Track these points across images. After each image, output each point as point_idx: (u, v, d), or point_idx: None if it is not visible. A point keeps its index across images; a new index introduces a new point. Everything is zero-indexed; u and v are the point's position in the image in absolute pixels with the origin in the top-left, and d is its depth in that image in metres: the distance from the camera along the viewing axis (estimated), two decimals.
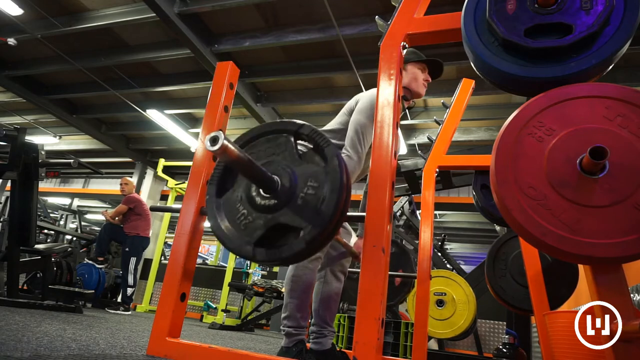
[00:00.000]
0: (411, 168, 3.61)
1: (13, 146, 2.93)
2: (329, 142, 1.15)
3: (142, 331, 2.47)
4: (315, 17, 4.74)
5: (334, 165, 1.12)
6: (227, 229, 1.17)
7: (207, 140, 0.90)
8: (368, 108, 1.74)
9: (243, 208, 1.18)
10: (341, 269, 1.87)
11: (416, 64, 1.92)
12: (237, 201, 1.19)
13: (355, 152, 1.69)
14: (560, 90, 1.05)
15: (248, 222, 1.15)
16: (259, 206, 1.14)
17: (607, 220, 0.92)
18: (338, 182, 1.09)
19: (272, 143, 1.22)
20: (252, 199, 1.16)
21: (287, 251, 1.09)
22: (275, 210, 1.12)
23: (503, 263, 2.65)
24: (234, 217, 1.18)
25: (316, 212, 1.08)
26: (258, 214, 1.15)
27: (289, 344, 1.66)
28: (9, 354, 1.01)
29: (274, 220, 1.12)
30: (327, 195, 1.09)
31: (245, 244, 1.13)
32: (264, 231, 1.12)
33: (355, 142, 1.70)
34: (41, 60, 6.32)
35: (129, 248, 4.76)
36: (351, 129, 1.73)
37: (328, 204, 1.08)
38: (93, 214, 14.46)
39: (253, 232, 1.13)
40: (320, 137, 1.17)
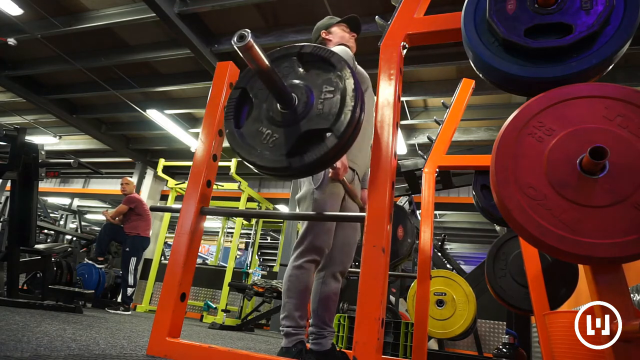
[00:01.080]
0: (411, 168, 3.61)
1: (13, 146, 2.93)
2: (333, 52, 1.22)
3: (142, 331, 2.47)
4: (315, 17, 4.70)
5: (344, 68, 1.19)
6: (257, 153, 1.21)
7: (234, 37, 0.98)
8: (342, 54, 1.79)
9: (266, 129, 1.22)
10: (340, 270, 1.87)
11: (338, 25, 2.14)
12: (259, 124, 1.24)
13: None
14: (560, 90, 1.05)
15: (275, 139, 1.20)
16: (282, 122, 1.19)
17: (607, 220, 0.92)
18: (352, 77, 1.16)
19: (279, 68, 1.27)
20: (273, 118, 1.21)
21: (322, 149, 1.14)
22: (298, 121, 1.17)
23: (503, 263, 2.65)
24: (259, 140, 1.22)
25: (339, 108, 1.14)
26: (283, 129, 1.19)
27: (289, 344, 1.66)
28: (9, 354, 1.01)
29: (300, 129, 1.17)
30: (346, 90, 1.15)
31: (279, 158, 1.17)
32: (293, 142, 1.16)
33: None
34: (41, 60, 6.32)
35: (129, 248, 4.76)
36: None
37: (349, 98, 1.14)
38: (93, 214, 14.46)
39: (283, 146, 1.18)
40: (324, 50, 1.24)
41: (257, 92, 1.28)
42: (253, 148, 1.22)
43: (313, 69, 1.25)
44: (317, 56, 1.24)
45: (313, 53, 1.25)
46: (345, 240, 1.87)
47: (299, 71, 1.25)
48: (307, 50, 1.26)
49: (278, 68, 1.26)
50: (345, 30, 2.14)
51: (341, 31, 2.13)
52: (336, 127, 1.13)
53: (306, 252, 1.71)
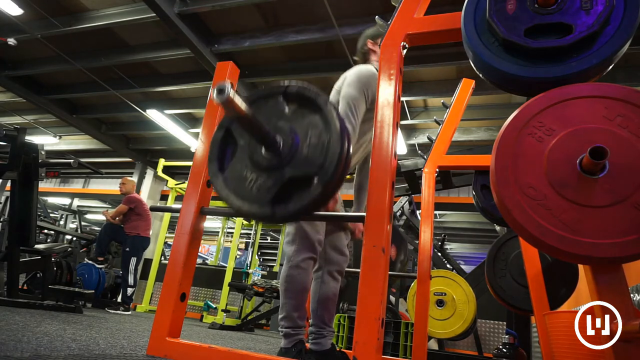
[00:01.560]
0: (411, 168, 3.61)
1: (13, 146, 2.93)
2: (319, 92, 1.19)
3: (142, 331, 2.47)
4: (315, 17, 4.74)
5: (330, 111, 1.15)
6: (240, 197, 1.18)
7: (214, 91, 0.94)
8: (356, 80, 1.76)
9: (250, 173, 1.19)
10: (338, 269, 1.87)
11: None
12: (243, 169, 1.21)
13: (349, 123, 1.69)
14: (560, 90, 1.05)
15: (260, 185, 1.17)
16: (267, 166, 1.16)
17: (607, 220, 0.92)
18: (338, 123, 1.13)
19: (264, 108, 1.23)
20: (258, 162, 1.17)
21: (306, 198, 1.11)
22: (283, 166, 1.14)
23: (503, 263, 2.65)
24: (243, 185, 1.19)
25: (324, 156, 1.11)
26: (267, 174, 1.16)
27: (288, 344, 1.66)
28: (9, 354, 1.01)
29: (285, 175, 1.14)
30: (331, 136, 1.11)
31: (263, 206, 1.14)
32: (277, 188, 1.14)
33: (348, 113, 1.70)
34: (41, 60, 6.32)
35: (129, 248, 4.76)
36: (342, 102, 1.74)
37: (334, 144, 1.11)
38: (93, 214, 14.46)
39: (267, 193, 1.15)
40: (309, 91, 1.20)
41: (242, 132, 1.24)
42: (237, 193, 1.18)
43: (299, 109, 1.21)
44: (303, 97, 1.20)
45: (299, 93, 1.21)
46: (338, 242, 1.88)
47: (285, 112, 1.21)
48: (293, 90, 1.22)
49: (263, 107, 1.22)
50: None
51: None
52: (322, 173, 1.10)
53: (301, 250, 1.70)
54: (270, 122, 1.19)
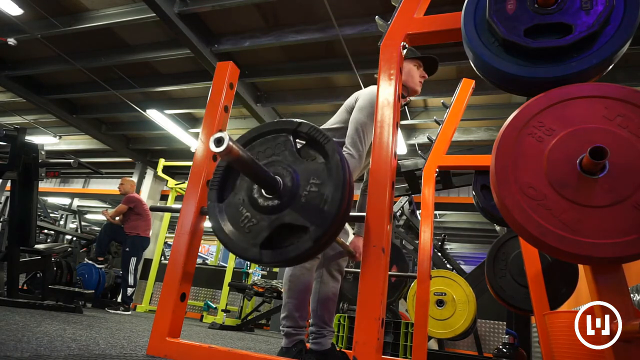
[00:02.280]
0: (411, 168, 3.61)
1: (13, 146, 2.93)
2: (329, 138, 1.15)
3: (142, 331, 2.47)
4: (315, 17, 4.74)
5: (336, 161, 1.12)
6: (232, 233, 1.17)
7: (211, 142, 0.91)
8: (368, 106, 1.74)
9: (246, 211, 1.17)
10: (338, 268, 1.87)
11: (411, 60, 1.89)
12: (240, 204, 1.19)
13: (357, 151, 1.69)
14: (560, 90, 1.05)
15: (252, 225, 1.15)
16: (262, 208, 1.14)
17: (607, 220, 0.92)
18: (341, 178, 1.09)
19: (272, 143, 1.22)
20: (255, 201, 1.15)
21: (294, 251, 1.09)
22: (279, 211, 1.12)
23: (503, 263, 2.65)
24: (237, 221, 1.18)
25: (321, 209, 1.08)
26: (262, 215, 1.14)
27: (289, 344, 1.66)
28: (9, 354, 1.01)
29: (278, 221, 1.12)
30: (331, 191, 1.09)
31: (252, 247, 1.13)
32: (268, 233, 1.12)
33: (356, 140, 1.70)
34: (41, 60, 6.32)
35: (129, 248, 4.75)
36: (352, 127, 1.73)
37: (332, 200, 1.08)
38: (93, 214, 14.46)
39: (258, 235, 1.13)
40: (320, 134, 1.17)
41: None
42: (229, 229, 1.18)
43: (306, 150, 1.19)
44: (312, 139, 1.18)
45: (309, 134, 1.18)
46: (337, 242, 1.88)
47: (292, 151, 1.18)
48: (304, 129, 1.19)
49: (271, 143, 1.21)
50: (417, 69, 1.90)
51: (411, 68, 1.89)
52: (314, 228, 1.07)
53: None
54: (274, 160, 1.18)
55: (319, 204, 1.09)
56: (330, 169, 1.12)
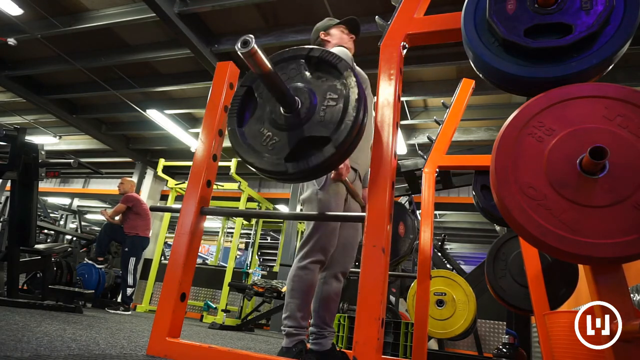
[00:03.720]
0: (411, 168, 3.60)
1: (13, 146, 2.93)
2: (341, 58, 1.22)
3: (142, 331, 2.47)
4: (315, 17, 4.72)
5: (350, 77, 1.18)
6: (255, 153, 1.22)
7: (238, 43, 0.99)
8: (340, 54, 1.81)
9: (267, 131, 1.23)
10: (341, 270, 1.87)
11: (337, 27, 2.11)
12: (261, 125, 1.25)
13: None
14: (560, 90, 1.05)
15: (275, 142, 1.21)
16: (284, 125, 1.20)
17: (607, 220, 0.92)
18: (357, 90, 1.16)
19: (286, 70, 1.27)
20: (275, 121, 1.21)
21: (318, 158, 1.14)
22: (299, 126, 1.18)
23: (503, 263, 2.65)
24: (259, 142, 1.23)
25: (340, 120, 1.14)
26: (283, 132, 1.20)
27: (289, 344, 1.66)
28: (9, 354, 1.01)
29: (300, 135, 1.17)
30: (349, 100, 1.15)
31: (277, 162, 1.18)
32: (292, 146, 1.17)
33: None
34: (41, 60, 6.32)
35: (129, 248, 4.75)
36: None
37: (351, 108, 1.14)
38: (93, 214, 14.46)
39: (281, 150, 1.19)
40: (331, 55, 1.23)
41: (263, 91, 1.28)
42: (253, 149, 1.23)
43: (319, 72, 1.25)
44: (324, 60, 1.24)
45: (321, 57, 1.25)
46: (347, 241, 1.88)
47: (305, 74, 1.25)
48: (316, 53, 1.26)
49: (285, 69, 1.26)
50: (344, 32, 2.13)
51: (340, 33, 2.11)
52: (335, 136, 1.13)
53: (312, 252, 1.71)
54: (291, 84, 1.23)
55: (338, 116, 1.15)
56: (345, 84, 1.18)
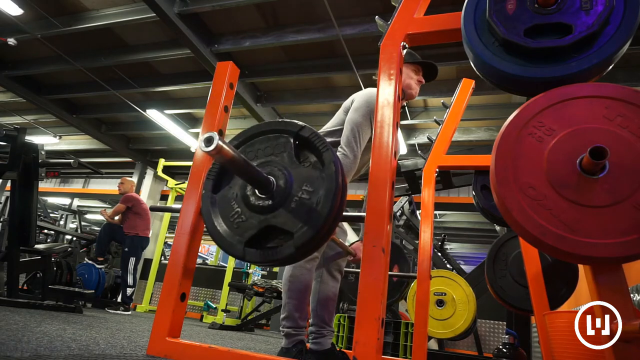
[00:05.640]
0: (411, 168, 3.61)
1: (13, 146, 2.93)
2: (328, 146, 1.16)
3: (142, 331, 2.47)
4: (315, 17, 4.74)
5: (331, 171, 1.12)
6: (220, 226, 1.18)
7: (201, 141, 0.92)
8: (364, 106, 1.73)
9: (237, 206, 1.18)
10: (337, 268, 1.87)
11: (410, 65, 1.89)
12: (232, 199, 1.20)
13: (352, 151, 1.68)
14: (560, 90, 1.05)
15: (241, 222, 1.16)
16: (253, 206, 1.15)
17: (607, 220, 0.92)
18: (333, 189, 1.10)
19: (272, 143, 1.22)
20: (247, 198, 1.16)
21: (277, 254, 1.11)
22: (268, 212, 1.13)
23: (503, 263, 2.65)
24: (227, 215, 1.19)
25: (309, 216, 1.09)
26: (252, 213, 1.16)
27: (289, 344, 1.66)
28: (9, 354, 1.01)
29: (266, 222, 1.13)
30: (321, 200, 1.09)
31: (237, 243, 1.14)
32: (255, 232, 1.13)
33: (351, 140, 1.69)
34: (41, 60, 6.32)
35: (128, 248, 4.75)
36: (347, 127, 1.73)
37: (321, 209, 1.08)
38: (93, 214, 14.46)
39: (245, 232, 1.14)
40: (319, 141, 1.17)
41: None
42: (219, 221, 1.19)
43: (305, 154, 1.19)
44: (311, 145, 1.18)
45: (309, 140, 1.18)
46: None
47: (290, 154, 1.19)
48: (305, 134, 1.19)
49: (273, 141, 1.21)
50: (415, 74, 1.90)
51: (408, 72, 1.88)
52: (298, 235, 1.08)
53: None
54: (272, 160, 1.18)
55: (308, 211, 1.10)
56: (324, 178, 1.12)
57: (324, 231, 1.10)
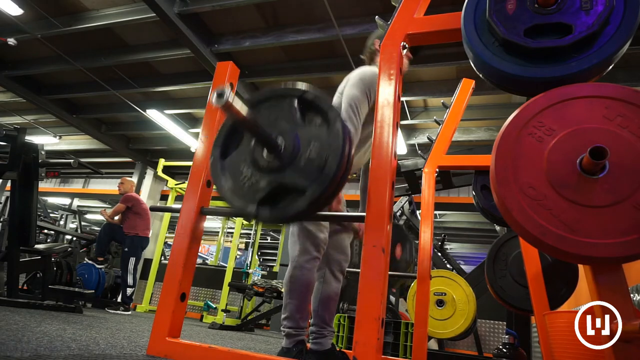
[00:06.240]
0: (411, 168, 3.60)
1: (13, 146, 2.93)
2: (332, 105, 1.19)
3: (142, 331, 2.47)
4: (315, 17, 4.74)
5: (337, 128, 1.15)
6: (231, 189, 1.21)
7: (213, 95, 0.95)
8: (359, 82, 1.75)
9: (247, 169, 1.21)
10: (340, 269, 1.87)
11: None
12: (241, 163, 1.23)
13: (352, 124, 1.68)
14: (560, 90, 1.05)
15: (252, 183, 1.19)
16: (263, 168, 1.18)
17: (607, 220, 0.92)
18: (341, 144, 1.12)
19: (277, 107, 1.25)
20: (256, 161, 1.19)
21: (290, 210, 1.13)
22: (278, 172, 1.16)
23: (503, 263, 2.65)
24: (237, 178, 1.22)
25: (319, 172, 1.11)
26: (261, 175, 1.18)
27: (289, 344, 1.66)
28: (9, 354, 1.01)
29: (277, 181, 1.15)
30: (330, 156, 1.12)
31: (249, 204, 1.16)
32: (267, 192, 1.15)
33: (350, 113, 1.69)
34: (41, 60, 6.32)
35: (128, 248, 4.75)
36: (344, 102, 1.73)
37: (331, 164, 1.11)
38: (93, 214, 14.46)
39: (256, 193, 1.17)
40: (323, 101, 1.20)
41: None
42: (230, 184, 1.21)
43: (309, 116, 1.22)
44: (316, 106, 1.21)
45: (313, 102, 1.21)
46: (341, 243, 1.88)
47: (295, 116, 1.21)
48: (309, 96, 1.22)
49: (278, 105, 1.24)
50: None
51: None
52: (311, 190, 1.10)
53: (305, 250, 1.70)
54: (278, 123, 1.20)
55: (318, 167, 1.12)
56: (331, 135, 1.15)
57: (335, 185, 1.13)
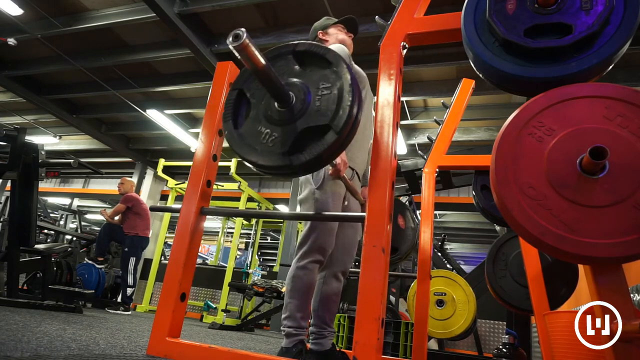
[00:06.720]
0: (411, 168, 3.60)
1: (13, 146, 2.93)
2: (328, 48, 1.23)
3: (142, 331, 2.47)
4: (315, 17, 4.70)
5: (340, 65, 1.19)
6: (256, 152, 1.21)
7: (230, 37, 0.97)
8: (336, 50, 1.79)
9: (265, 128, 1.22)
10: (341, 270, 1.87)
11: (335, 26, 2.14)
12: (258, 124, 1.24)
13: None
14: (560, 90, 1.05)
15: (275, 138, 1.20)
16: (281, 120, 1.19)
17: (607, 220, 0.92)
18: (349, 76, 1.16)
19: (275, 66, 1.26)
20: (271, 117, 1.21)
21: (322, 146, 1.14)
22: (297, 119, 1.18)
23: (503, 263, 2.65)
24: (259, 140, 1.22)
25: (337, 106, 1.14)
26: (281, 127, 1.20)
27: (289, 344, 1.66)
28: (9, 354, 1.01)
29: (299, 127, 1.17)
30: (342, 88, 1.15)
31: (280, 157, 1.17)
32: (293, 139, 1.17)
33: None
34: (41, 60, 6.32)
35: (128, 248, 4.75)
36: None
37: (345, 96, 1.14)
38: (93, 214, 14.46)
39: (283, 145, 1.18)
40: (319, 47, 1.24)
41: (255, 92, 1.28)
42: (253, 148, 1.22)
43: (309, 66, 1.25)
44: (312, 53, 1.25)
45: (308, 50, 1.25)
46: (346, 240, 1.87)
47: (295, 69, 1.25)
48: (302, 48, 1.26)
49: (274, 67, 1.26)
50: (342, 31, 2.14)
51: (338, 31, 2.13)
52: (335, 122, 1.13)
53: (310, 252, 1.71)
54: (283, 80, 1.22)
55: (334, 102, 1.15)
56: (336, 72, 1.18)
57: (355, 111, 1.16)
